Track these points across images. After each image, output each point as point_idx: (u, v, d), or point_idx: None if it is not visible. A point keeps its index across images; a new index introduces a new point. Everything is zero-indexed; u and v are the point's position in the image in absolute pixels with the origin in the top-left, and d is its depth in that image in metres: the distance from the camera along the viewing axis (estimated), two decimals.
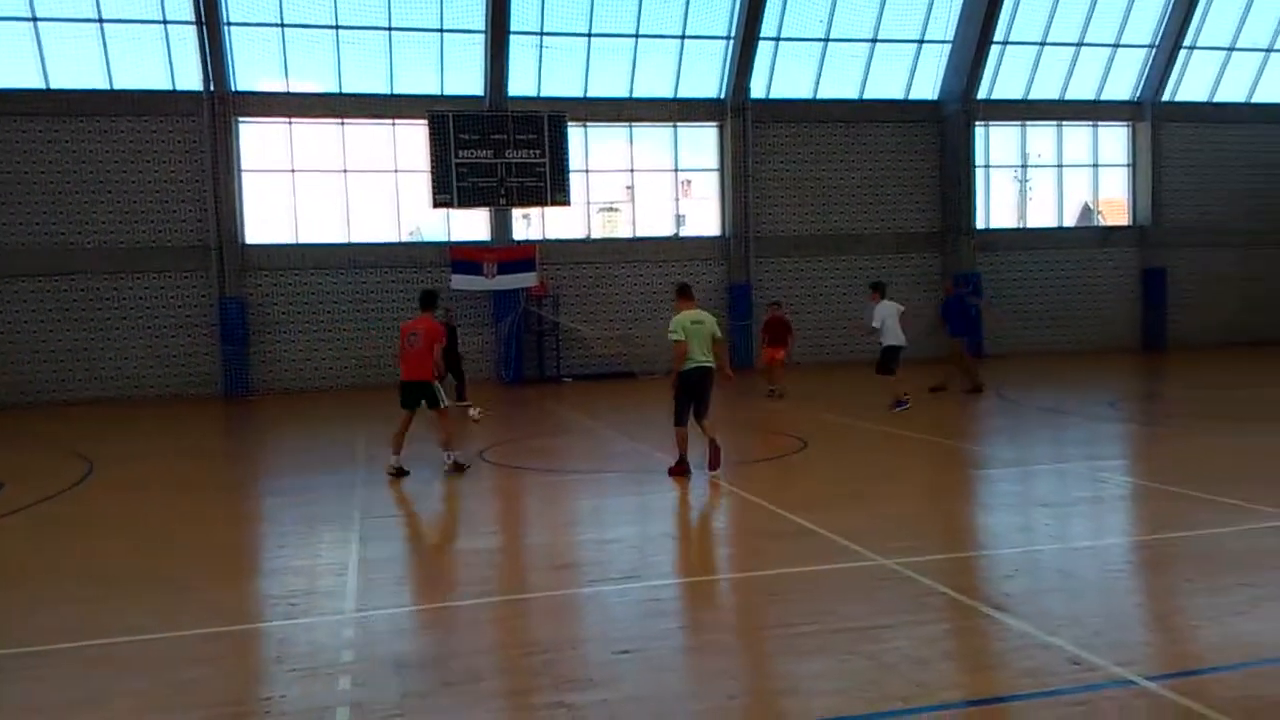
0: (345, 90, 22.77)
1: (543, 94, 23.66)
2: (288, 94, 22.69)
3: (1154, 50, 26.21)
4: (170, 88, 21.93)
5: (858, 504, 8.52)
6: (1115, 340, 26.78)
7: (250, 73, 22.53)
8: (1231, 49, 26.73)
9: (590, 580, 6.44)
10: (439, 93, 23.21)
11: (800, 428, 13.00)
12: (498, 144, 22.69)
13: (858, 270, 25.40)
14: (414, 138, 22.89)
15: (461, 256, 22.75)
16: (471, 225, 23.92)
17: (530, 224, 25.05)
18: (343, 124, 22.91)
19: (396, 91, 22.98)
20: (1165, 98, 26.67)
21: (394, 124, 23.08)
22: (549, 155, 22.91)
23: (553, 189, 23.06)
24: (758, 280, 24.51)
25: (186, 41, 21.64)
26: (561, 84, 23.81)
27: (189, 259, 22.02)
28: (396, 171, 23.21)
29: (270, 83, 22.73)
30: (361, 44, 22.62)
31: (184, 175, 21.99)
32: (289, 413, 18.63)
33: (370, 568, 6.78)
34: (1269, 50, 26.93)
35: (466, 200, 22.74)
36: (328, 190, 23.02)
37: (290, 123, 22.71)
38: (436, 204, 22.71)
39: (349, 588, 6.28)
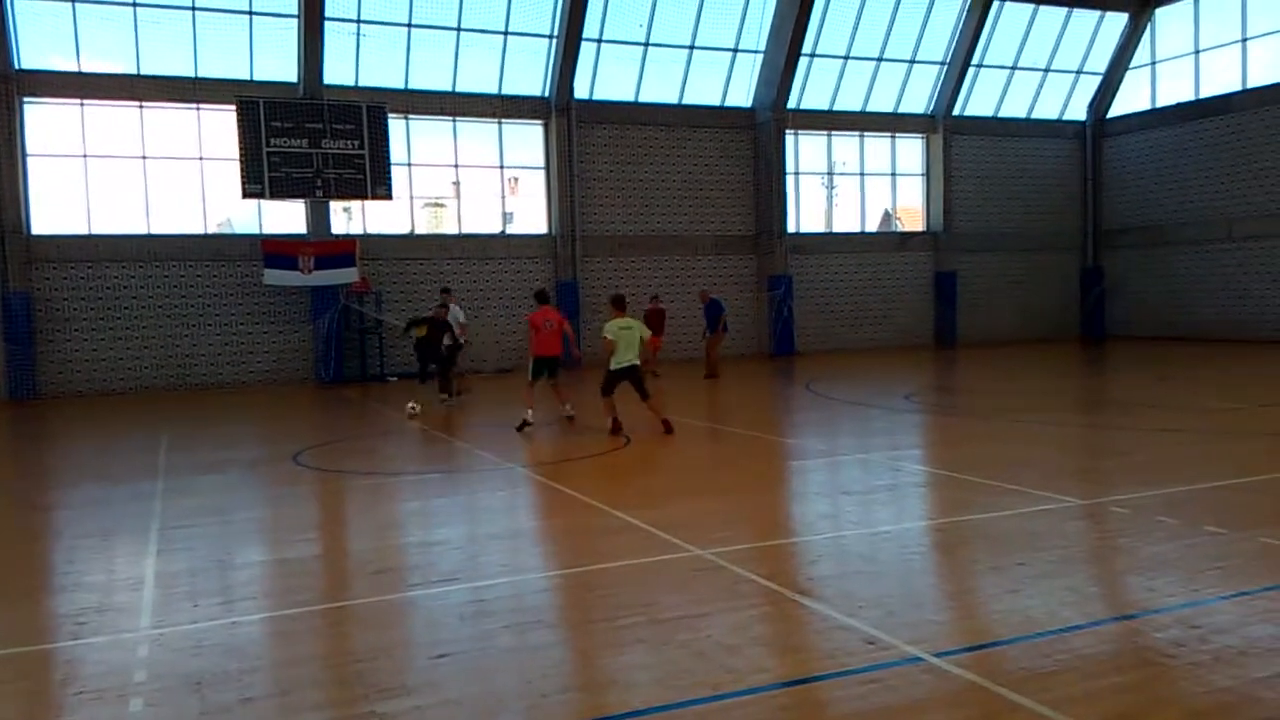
0: (144, 72, 21.31)
1: (361, 84, 22.95)
2: (80, 74, 20.98)
3: (946, 67, 28.16)
4: None
5: (677, 498, 8.76)
6: (911, 338, 28.66)
7: (37, 50, 20.76)
8: (1014, 68, 29.09)
9: (411, 584, 6.33)
10: (249, 78, 22.10)
11: (624, 424, 13.19)
12: (313, 133, 21.83)
13: (680, 270, 26.06)
14: (222, 124, 21.69)
15: (275, 250, 21.71)
16: (288, 218, 22.92)
17: (351, 218, 24.26)
18: (141, 107, 21.43)
19: (202, 75, 21.71)
20: (956, 112, 28.71)
21: (199, 109, 21.79)
22: (369, 147, 22.24)
23: (373, 182, 22.40)
24: (584, 278, 24.70)
25: None
26: (381, 74, 23.18)
27: None
28: (202, 159, 21.93)
29: (60, 61, 21.00)
30: (163, 24, 21.22)
31: None
32: (82, 417, 17.29)
33: (169, 581, 6.41)
34: (1046, 70, 29.47)
35: (280, 191, 21.74)
36: (125, 178, 21.48)
37: (82, 104, 21.03)
38: (247, 194, 21.59)
39: (144, 603, 5.91)
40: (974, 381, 19.74)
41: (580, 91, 24.59)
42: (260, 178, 21.42)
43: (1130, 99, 30.27)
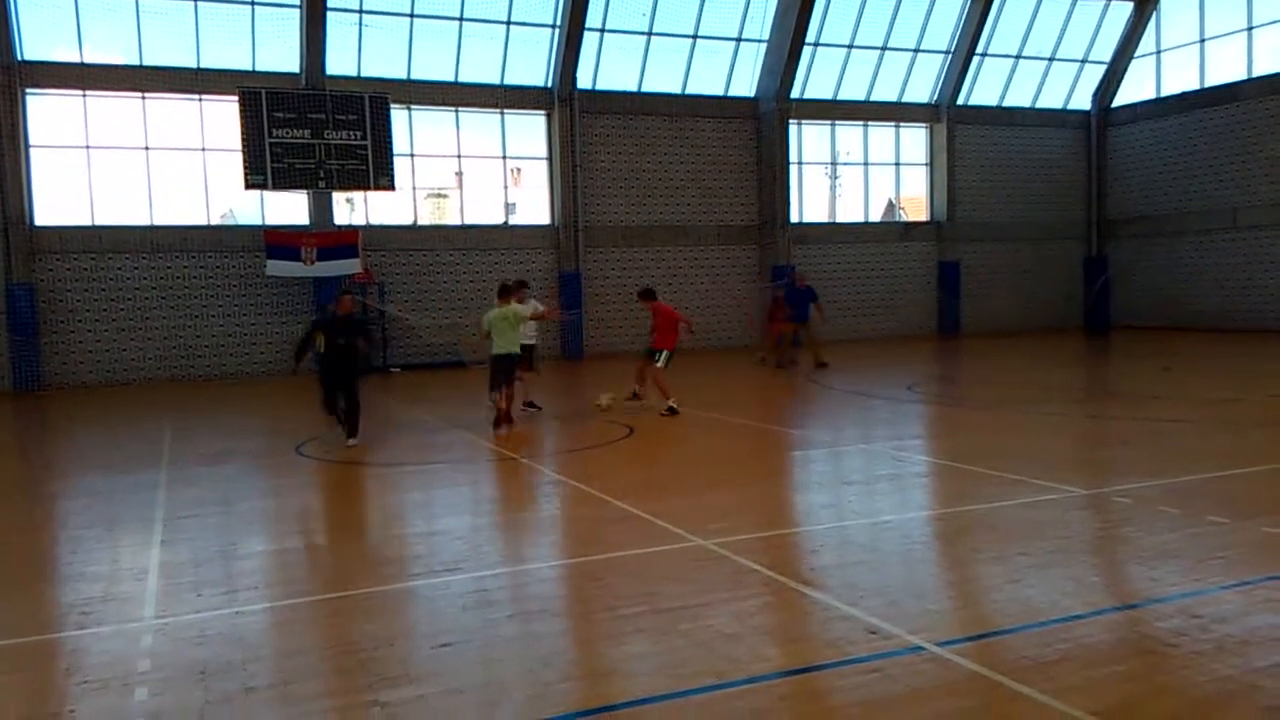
0: (147, 63, 21.29)
1: (363, 74, 22.92)
2: (82, 65, 20.95)
3: (950, 56, 28.04)
4: None
5: (680, 488, 8.76)
6: (915, 328, 28.60)
7: (40, 41, 20.74)
8: (1019, 57, 28.96)
9: (413, 574, 6.35)
10: (251, 68, 22.07)
11: (626, 415, 13.21)
12: (316, 124, 21.80)
13: (684, 261, 26.01)
14: (224, 115, 21.68)
15: (278, 241, 21.72)
16: (290, 209, 22.92)
17: (354, 208, 24.25)
18: (144, 98, 21.41)
19: (204, 66, 21.68)
20: (960, 101, 28.60)
21: (201, 100, 21.77)
22: (371, 138, 22.21)
23: (376, 172, 22.37)
24: (587, 269, 24.68)
25: None
26: (383, 65, 23.15)
27: None
28: (204, 150, 21.93)
29: (63, 52, 20.97)
30: (165, 14, 21.19)
31: None
32: (87, 408, 17.34)
33: (173, 571, 6.43)
34: (1051, 59, 29.34)
35: (282, 182, 21.74)
36: (127, 169, 21.49)
37: (85, 96, 21.02)
38: (249, 185, 21.59)
39: (148, 593, 5.94)
40: (977, 371, 19.70)
41: (583, 82, 24.53)
42: (263, 168, 21.42)
43: (1135, 88, 30.13)
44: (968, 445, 10.68)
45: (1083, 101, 30.54)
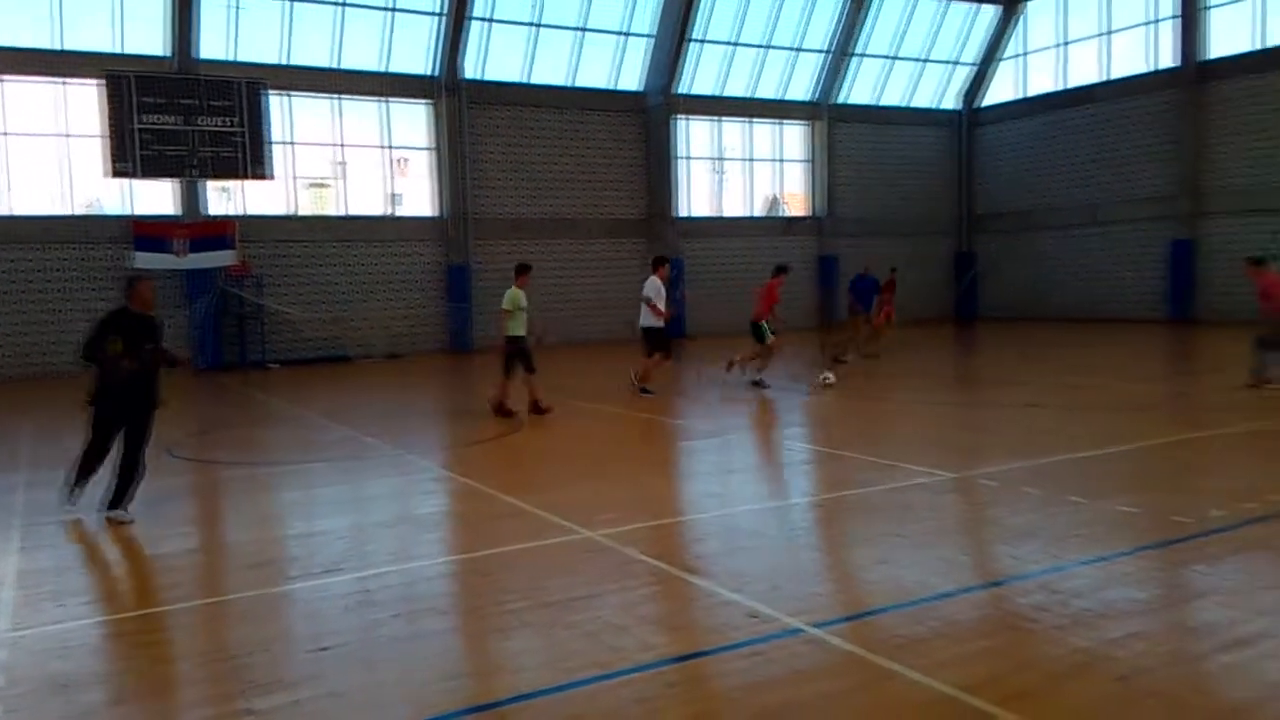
0: (3, 44, 20.02)
1: (238, 58, 22.08)
2: None
3: (828, 55, 28.77)
4: None
5: (568, 481, 8.77)
6: (797, 321, 29.19)
7: None
8: (893, 58, 29.93)
9: (291, 576, 6.16)
10: (117, 51, 20.99)
11: (518, 409, 13.12)
12: (187, 110, 20.90)
13: (574, 254, 25.97)
14: (88, 99, 20.56)
15: (146, 232, 20.76)
16: (161, 198, 21.91)
17: (230, 198, 23.35)
18: (0, 81, 20.13)
19: (67, 48, 20.50)
20: (839, 99, 29.37)
21: (64, 83, 20.60)
22: (246, 124, 21.42)
23: (251, 161, 21.59)
24: (477, 262, 24.38)
25: None
26: (259, 49, 22.35)
27: None
28: (68, 136, 20.76)
29: None
30: None
31: None
32: None
33: (31, 580, 6.08)
34: (924, 60, 30.42)
35: (151, 170, 20.77)
36: None
37: None
38: (115, 173, 20.56)
39: (5, 604, 5.60)
40: (853, 362, 20.26)
41: (470, 71, 24.21)
42: (130, 156, 20.42)
43: (1003, 89, 31.52)
44: (845, 432, 11.03)
45: (953, 101, 31.77)
